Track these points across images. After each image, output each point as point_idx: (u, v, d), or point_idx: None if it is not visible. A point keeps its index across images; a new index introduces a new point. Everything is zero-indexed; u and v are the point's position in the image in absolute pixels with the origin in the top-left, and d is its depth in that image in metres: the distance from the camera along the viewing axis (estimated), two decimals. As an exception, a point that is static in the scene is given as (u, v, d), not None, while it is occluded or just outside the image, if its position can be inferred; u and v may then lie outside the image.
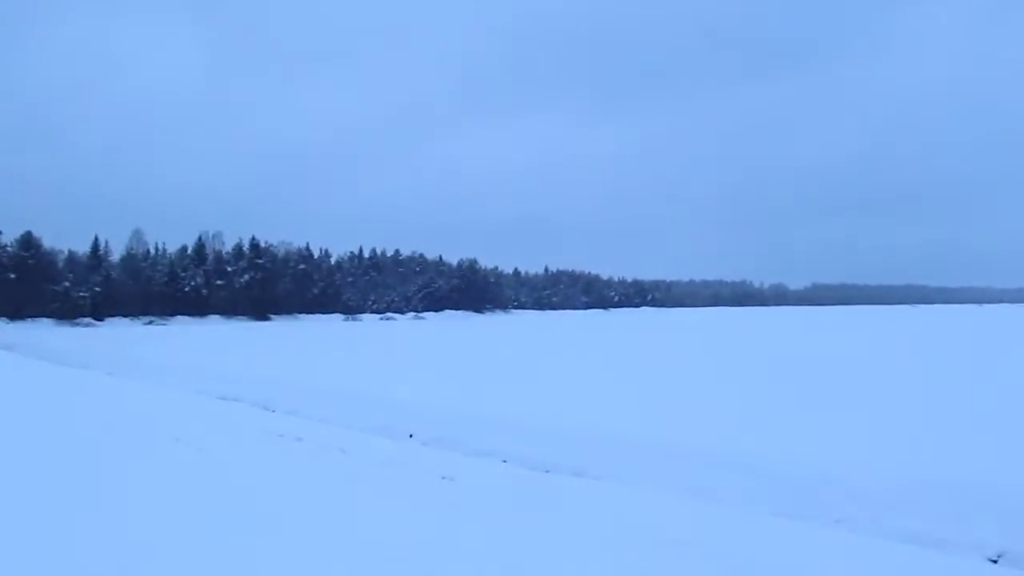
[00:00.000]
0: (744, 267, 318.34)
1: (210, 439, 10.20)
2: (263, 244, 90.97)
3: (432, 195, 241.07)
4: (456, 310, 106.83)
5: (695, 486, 7.89)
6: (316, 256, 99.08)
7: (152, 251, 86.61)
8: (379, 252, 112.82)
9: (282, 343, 38.64)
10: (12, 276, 69.43)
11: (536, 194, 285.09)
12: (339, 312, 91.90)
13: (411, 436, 11.41)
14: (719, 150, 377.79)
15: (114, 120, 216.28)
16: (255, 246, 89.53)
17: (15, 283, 69.15)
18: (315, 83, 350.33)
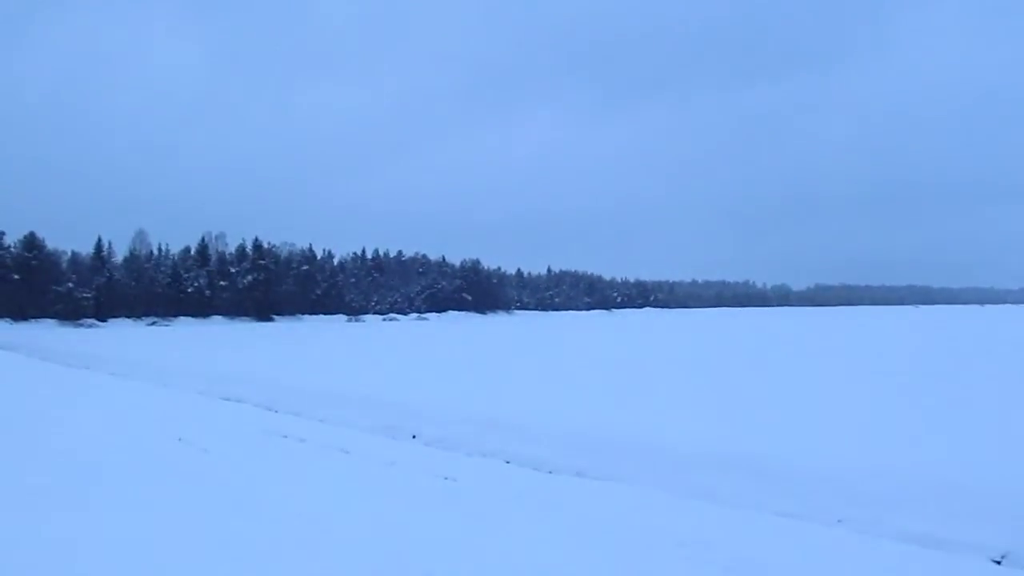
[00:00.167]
0: (747, 268, 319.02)
1: (213, 439, 10.22)
2: (266, 245, 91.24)
3: (435, 195, 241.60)
4: (459, 311, 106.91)
5: (696, 486, 7.90)
6: (319, 257, 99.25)
7: (155, 252, 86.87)
8: (382, 253, 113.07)
9: (285, 344, 38.70)
10: (16, 277, 69.65)
11: (539, 195, 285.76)
12: (342, 313, 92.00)
13: (414, 437, 11.43)
14: (722, 151, 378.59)
15: (116, 121, 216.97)
16: (258, 247, 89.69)
17: (18, 284, 69.37)
18: (317, 83, 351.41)
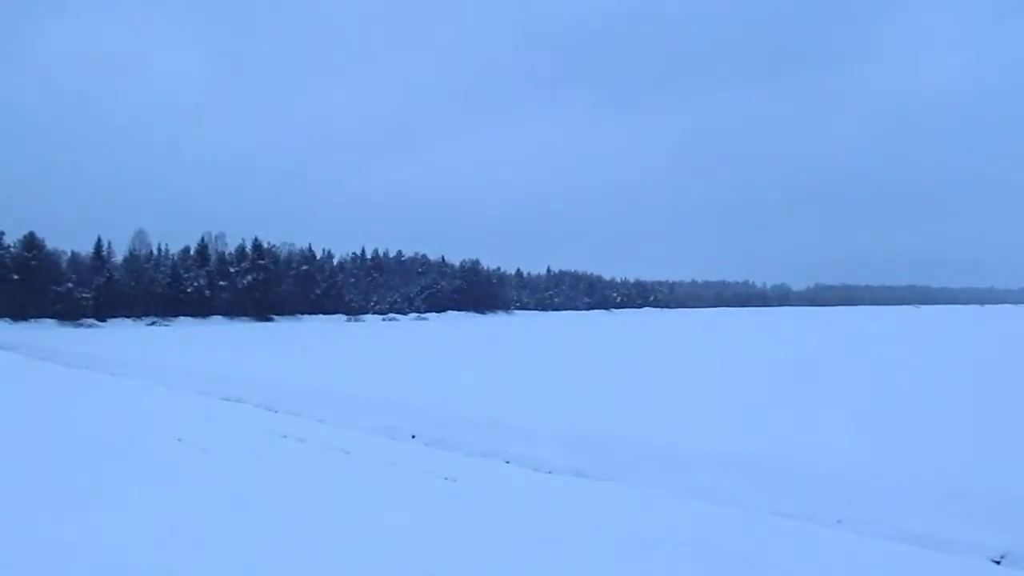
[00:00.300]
0: (747, 268, 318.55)
1: (213, 440, 10.22)
2: (266, 245, 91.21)
3: (435, 195, 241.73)
4: (458, 311, 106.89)
5: (696, 487, 7.90)
6: (319, 257, 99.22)
7: (155, 252, 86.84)
8: (381, 253, 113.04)
9: (284, 344, 38.70)
10: (15, 277, 69.63)
11: (539, 195, 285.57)
12: (341, 313, 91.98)
13: (413, 437, 11.43)
14: (722, 150, 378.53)
15: (117, 121, 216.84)
16: (258, 247, 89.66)
17: (18, 284, 69.34)
18: (318, 83, 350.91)
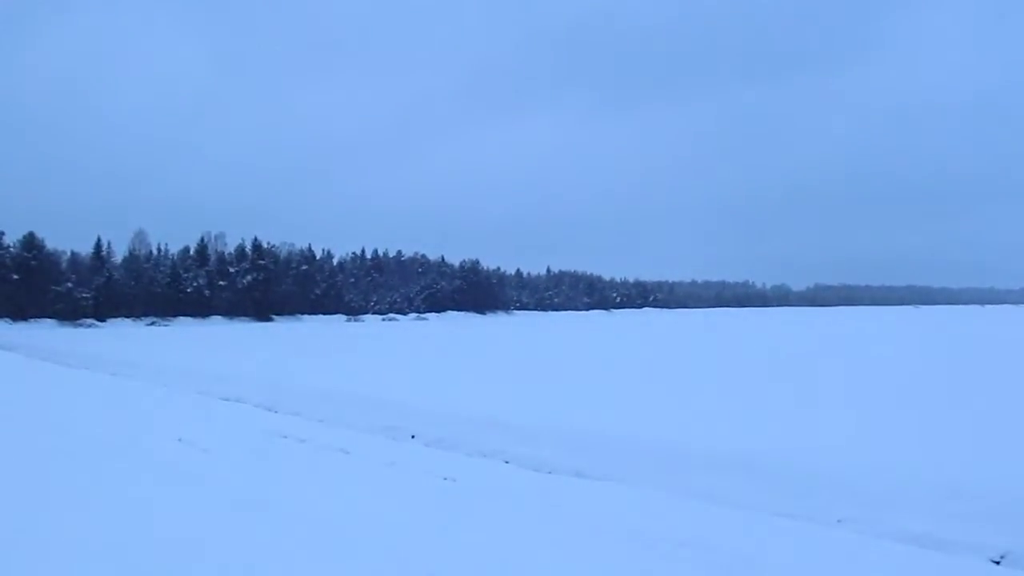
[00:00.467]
0: (746, 268, 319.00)
1: (213, 440, 10.21)
2: (265, 245, 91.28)
3: (434, 196, 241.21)
4: (458, 311, 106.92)
5: (696, 487, 7.90)
6: (318, 257, 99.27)
7: (154, 252, 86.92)
8: (381, 253, 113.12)
9: (284, 344, 38.70)
10: (15, 277, 69.68)
11: (539, 195, 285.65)
12: (341, 313, 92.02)
13: (413, 437, 11.43)
14: (722, 151, 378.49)
15: (117, 120, 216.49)
16: (257, 247, 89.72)
17: (18, 284, 69.38)
18: (318, 83, 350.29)
